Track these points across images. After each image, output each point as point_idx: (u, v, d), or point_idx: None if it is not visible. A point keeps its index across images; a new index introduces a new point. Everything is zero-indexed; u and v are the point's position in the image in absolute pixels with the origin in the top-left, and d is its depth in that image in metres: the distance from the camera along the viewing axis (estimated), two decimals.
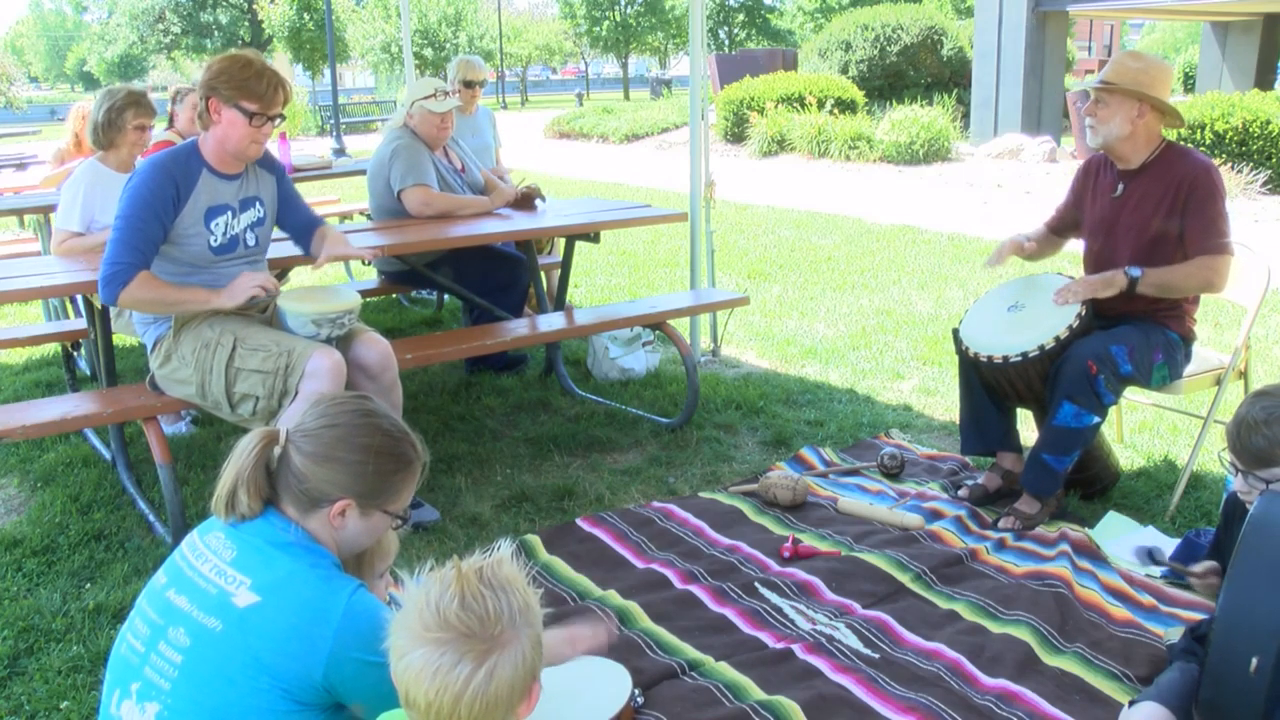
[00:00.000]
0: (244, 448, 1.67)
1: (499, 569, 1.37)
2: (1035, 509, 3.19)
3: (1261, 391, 2.06)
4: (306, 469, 1.65)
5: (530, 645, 1.33)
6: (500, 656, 1.30)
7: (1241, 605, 1.79)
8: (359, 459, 1.66)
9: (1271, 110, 10.70)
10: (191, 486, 3.53)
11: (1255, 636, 1.75)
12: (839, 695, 2.30)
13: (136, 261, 2.86)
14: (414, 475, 1.74)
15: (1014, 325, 3.19)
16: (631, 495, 3.48)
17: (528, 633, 1.34)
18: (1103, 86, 3.03)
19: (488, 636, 1.30)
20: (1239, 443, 2.00)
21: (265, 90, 2.91)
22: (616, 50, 47.26)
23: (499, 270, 4.57)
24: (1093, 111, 3.09)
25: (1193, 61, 22.35)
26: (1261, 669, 1.72)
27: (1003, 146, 14.09)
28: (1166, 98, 3.04)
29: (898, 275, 6.97)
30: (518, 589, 1.36)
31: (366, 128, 26.37)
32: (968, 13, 26.38)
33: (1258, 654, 1.73)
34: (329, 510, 1.66)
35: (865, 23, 19.58)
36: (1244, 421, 2.00)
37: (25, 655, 2.54)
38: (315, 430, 1.68)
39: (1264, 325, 5.36)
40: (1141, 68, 3.03)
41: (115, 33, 51.51)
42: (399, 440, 1.72)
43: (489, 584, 1.34)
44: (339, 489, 1.65)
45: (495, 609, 1.32)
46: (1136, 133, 3.06)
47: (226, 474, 1.66)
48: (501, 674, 1.30)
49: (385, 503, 1.71)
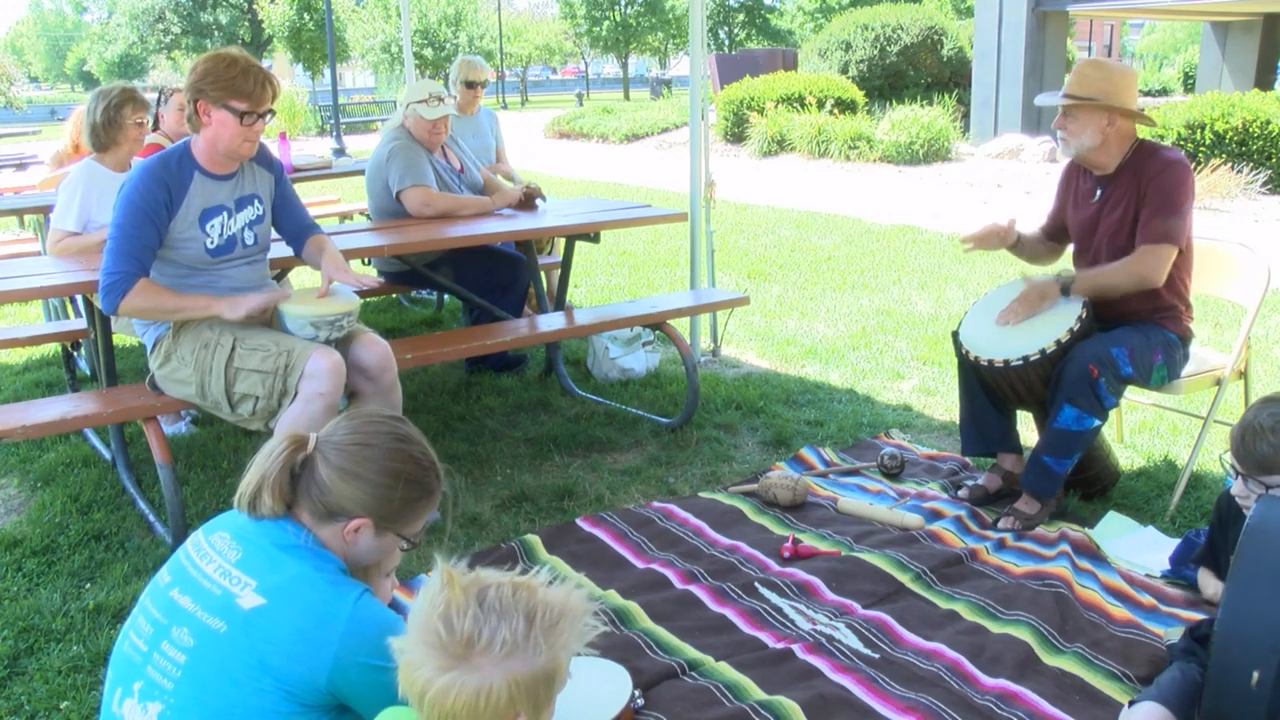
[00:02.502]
0: (271, 450, 1.67)
1: (513, 592, 1.28)
2: (1035, 509, 3.19)
3: (1270, 398, 2.06)
4: (331, 482, 1.64)
5: (509, 682, 1.23)
6: (463, 677, 1.23)
7: (1240, 616, 1.77)
8: (387, 483, 1.66)
9: (1271, 110, 10.70)
10: (191, 486, 3.53)
11: (1255, 649, 1.73)
12: (839, 695, 2.30)
13: (134, 270, 2.85)
14: (434, 503, 1.75)
15: (1014, 329, 3.18)
16: (631, 495, 3.48)
17: (513, 668, 1.24)
18: (1068, 101, 3.03)
19: (456, 654, 1.24)
20: (1244, 448, 2.01)
21: (253, 88, 2.89)
22: (616, 50, 47.26)
23: (499, 270, 4.57)
24: (1063, 125, 3.08)
25: (1193, 61, 22.34)
26: (1263, 682, 1.71)
27: (1003, 146, 14.09)
28: (1133, 103, 3.04)
29: (898, 275, 6.98)
30: (520, 619, 1.26)
31: (366, 128, 26.37)
32: (968, 13, 26.38)
33: (1258, 667, 1.72)
34: (345, 525, 1.66)
35: (865, 23, 19.58)
36: (1250, 427, 2.01)
37: (25, 655, 2.54)
38: (346, 445, 1.66)
39: (1264, 325, 5.36)
40: (1104, 77, 3.02)
41: (115, 33, 51.51)
42: (427, 470, 1.71)
43: (483, 603, 1.27)
44: (360, 508, 1.65)
45: (473, 630, 1.24)
46: (1109, 141, 3.06)
47: (252, 473, 1.66)
48: (461, 696, 1.23)
49: (401, 527, 1.71)
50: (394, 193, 4.40)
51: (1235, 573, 1.80)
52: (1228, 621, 1.78)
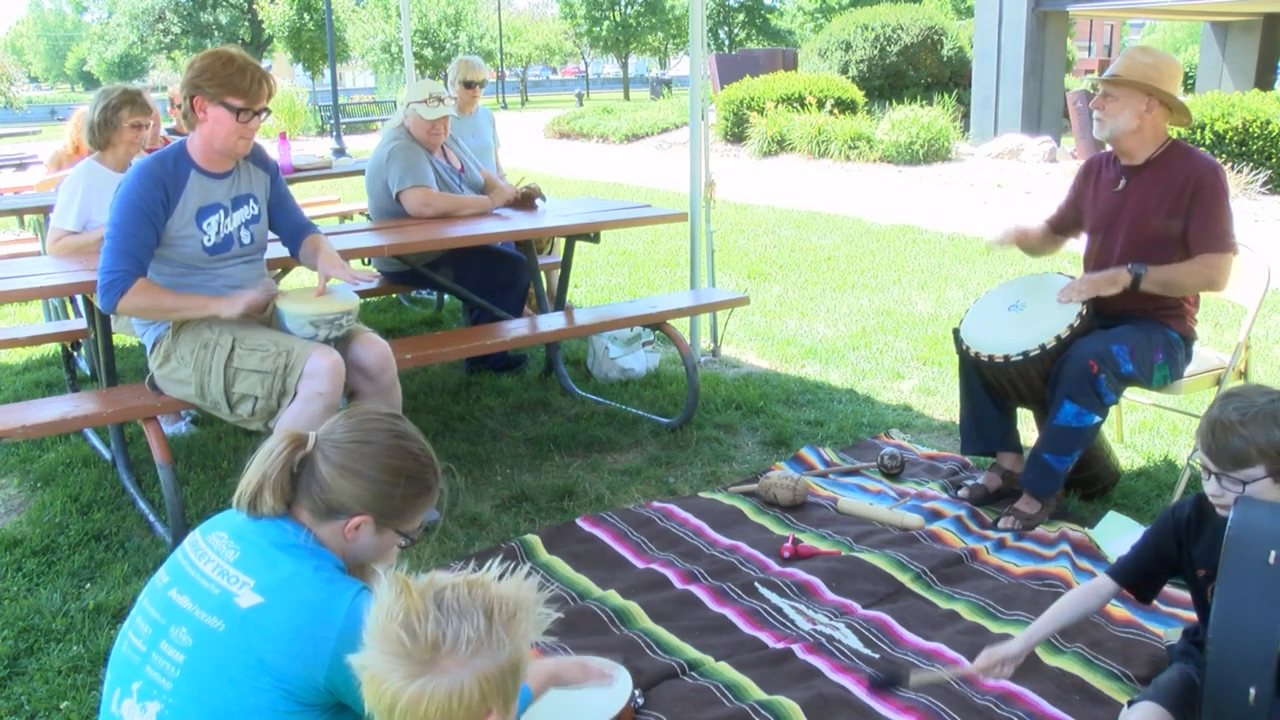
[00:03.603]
0: (270, 449, 1.67)
1: (469, 590, 1.28)
2: (1035, 509, 3.19)
3: (1230, 393, 2.00)
4: (331, 479, 1.64)
5: (479, 680, 1.23)
6: (433, 682, 1.23)
7: (1232, 629, 1.74)
8: (387, 480, 1.66)
9: (1271, 110, 10.70)
10: (191, 486, 3.53)
11: (1249, 664, 1.71)
12: (839, 695, 2.30)
13: (132, 269, 2.86)
14: (432, 500, 1.75)
15: (1015, 324, 3.18)
16: (631, 495, 3.48)
17: (480, 665, 1.24)
18: (1111, 80, 3.04)
19: (423, 660, 1.23)
20: (1214, 444, 1.93)
21: (249, 85, 2.90)
22: (616, 50, 47.26)
23: (499, 270, 4.57)
24: (1100, 105, 3.09)
25: (1193, 61, 22.32)
26: (1260, 698, 1.69)
27: (1003, 146, 14.09)
28: (1176, 93, 3.05)
29: (898, 275, 6.97)
30: (480, 616, 1.26)
31: (366, 128, 26.36)
32: (968, 13, 26.38)
33: (1254, 683, 1.70)
34: (345, 523, 1.65)
35: (865, 23, 19.59)
36: (1218, 423, 1.93)
37: (25, 655, 2.54)
38: (346, 443, 1.67)
39: (1264, 325, 5.36)
40: (1151, 63, 3.04)
41: (115, 33, 51.54)
42: (426, 466, 1.72)
43: (441, 605, 1.26)
44: (360, 505, 1.65)
45: (437, 633, 1.24)
46: (1143, 127, 3.06)
47: (252, 473, 1.66)
48: (434, 700, 1.23)
49: (400, 523, 1.71)
50: (394, 193, 4.40)
51: (1222, 583, 1.76)
52: (1220, 635, 1.75)
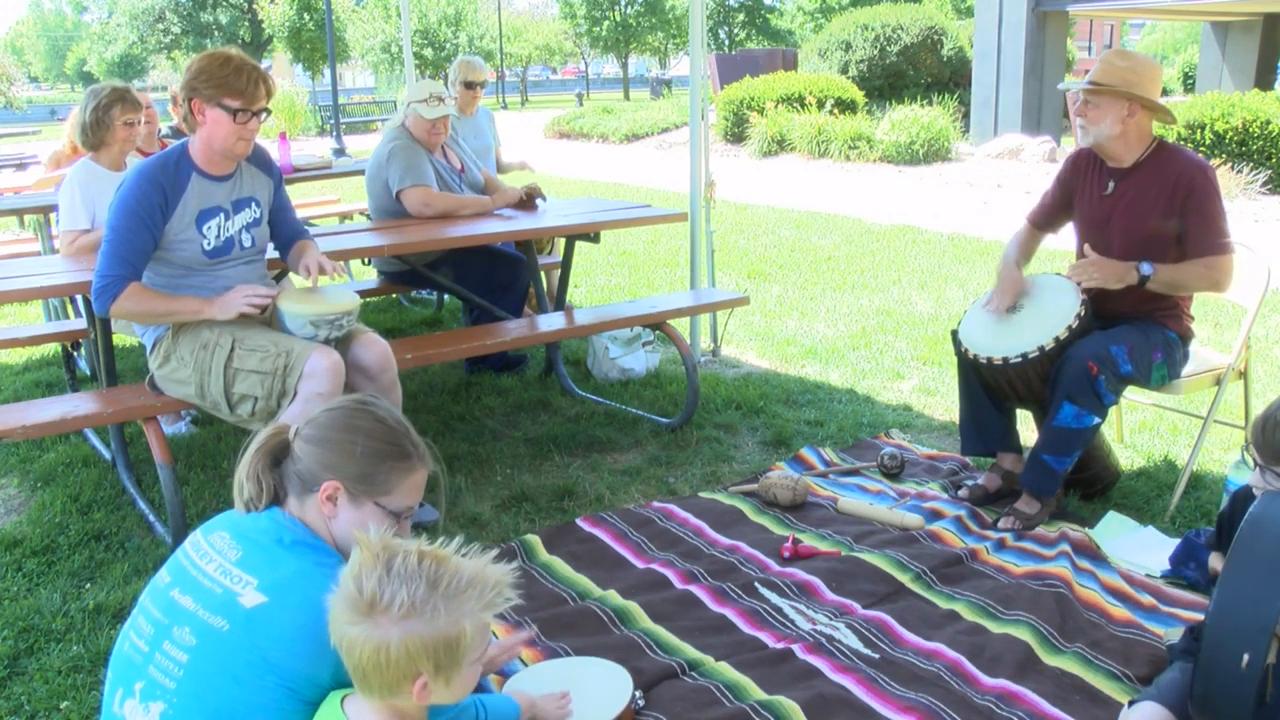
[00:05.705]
0: (253, 439, 1.74)
1: (419, 560, 1.40)
2: (1035, 509, 3.19)
3: None
4: (303, 451, 1.70)
5: (406, 640, 1.36)
6: (365, 632, 1.37)
7: (1233, 601, 1.80)
8: (347, 438, 1.69)
9: (1271, 110, 10.70)
10: (191, 486, 3.53)
11: (1246, 632, 1.77)
12: (839, 695, 2.30)
13: (126, 274, 2.86)
14: (410, 471, 1.74)
15: (1013, 326, 3.19)
16: (631, 495, 3.48)
17: (412, 628, 1.36)
18: (1091, 88, 3.03)
19: (362, 611, 1.38)
20: (1264, 438, 2.08)
21: (246, 85, 2.89)
22: (616, 50, 47.27)
23: (499, 270, 4.57)
24: (1083, 112, 3.08)
25: (1193, 61, 22.34)
26: (1252, 664, 1.74)
27: (1003, 146, 14.09)
28: (1156, 96, 3.04)
29: (898, 275, 6.98)
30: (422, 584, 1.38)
31: (366, 128, 26.36)
32: (968, 13, 26.39)
33: (1248, 649, 1.75)
34: (319, 494, 1.67)
35: (865, 23, 19.60)
36: (1272, 419, 2.08)
37: (25, 655, 2.54)
38: (318, 419, 1.74)
39: (1264, 325, 5.37)
40: (1129, 66, 3.03)
41: (115, 33, 51.52)
42: (392, 429, 1.73)
43: (390, 568, 1.39)
44: (328, 469, 1.67)
45: (375, 591, 1.38)
46: (1128, 132, 3.06)
47: (239, 466, 1.73)
48: (364, 649, 1.37)
49: (376, 492, 1.69)
50: (394, 193, 4.40)
51: (1231, 558, 1.84)
52: (1221, 605, 1.82)
